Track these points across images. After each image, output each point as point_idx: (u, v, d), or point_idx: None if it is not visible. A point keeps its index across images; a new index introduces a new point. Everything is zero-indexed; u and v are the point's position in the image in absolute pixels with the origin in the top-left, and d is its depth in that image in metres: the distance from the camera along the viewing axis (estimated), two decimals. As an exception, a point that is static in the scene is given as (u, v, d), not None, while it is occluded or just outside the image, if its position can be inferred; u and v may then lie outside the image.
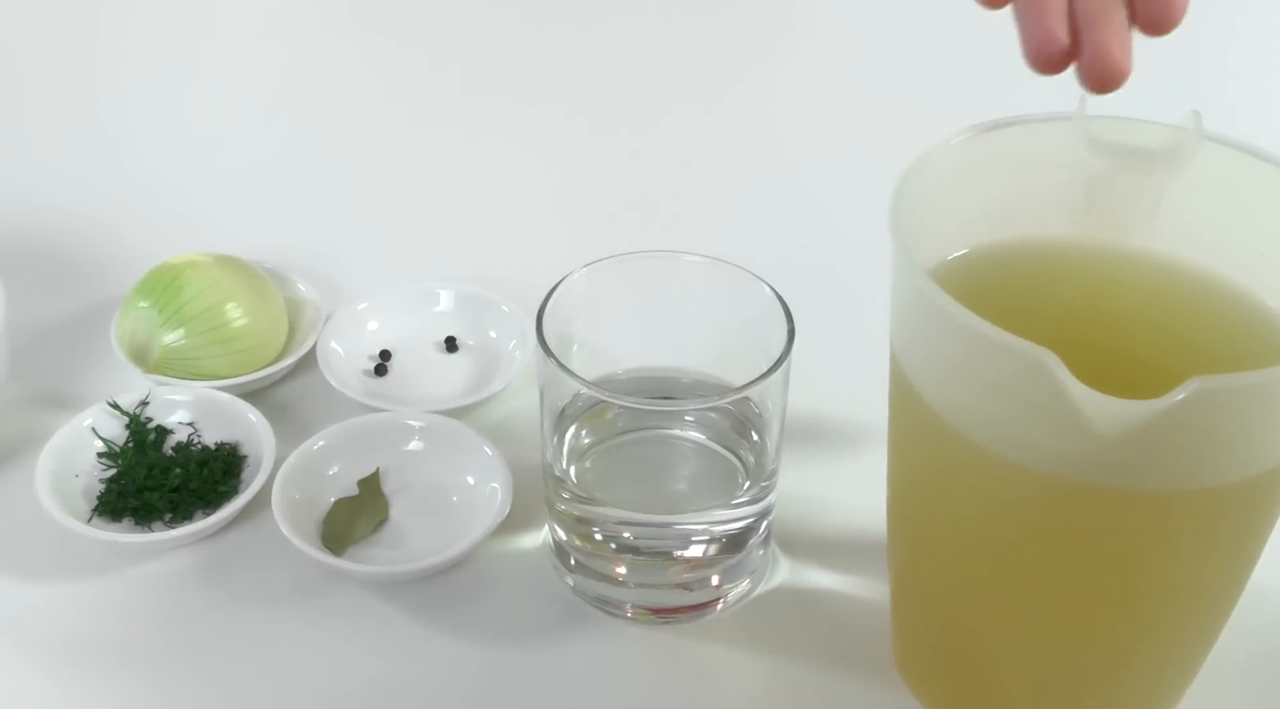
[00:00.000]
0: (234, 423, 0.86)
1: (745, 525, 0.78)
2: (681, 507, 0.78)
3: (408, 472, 0.85)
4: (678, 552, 0.77)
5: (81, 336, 0.95)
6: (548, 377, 0.75)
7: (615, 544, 0.78)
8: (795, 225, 1.07)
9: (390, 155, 1.12)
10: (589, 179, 1.10)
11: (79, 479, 0.84)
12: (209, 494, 0.83)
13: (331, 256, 1.01)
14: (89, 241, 1.03)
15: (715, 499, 0.78)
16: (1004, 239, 0.71)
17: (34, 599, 0.80)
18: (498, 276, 0.97)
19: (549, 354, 0.74)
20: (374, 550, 0.82)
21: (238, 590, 0.81)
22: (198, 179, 1.09)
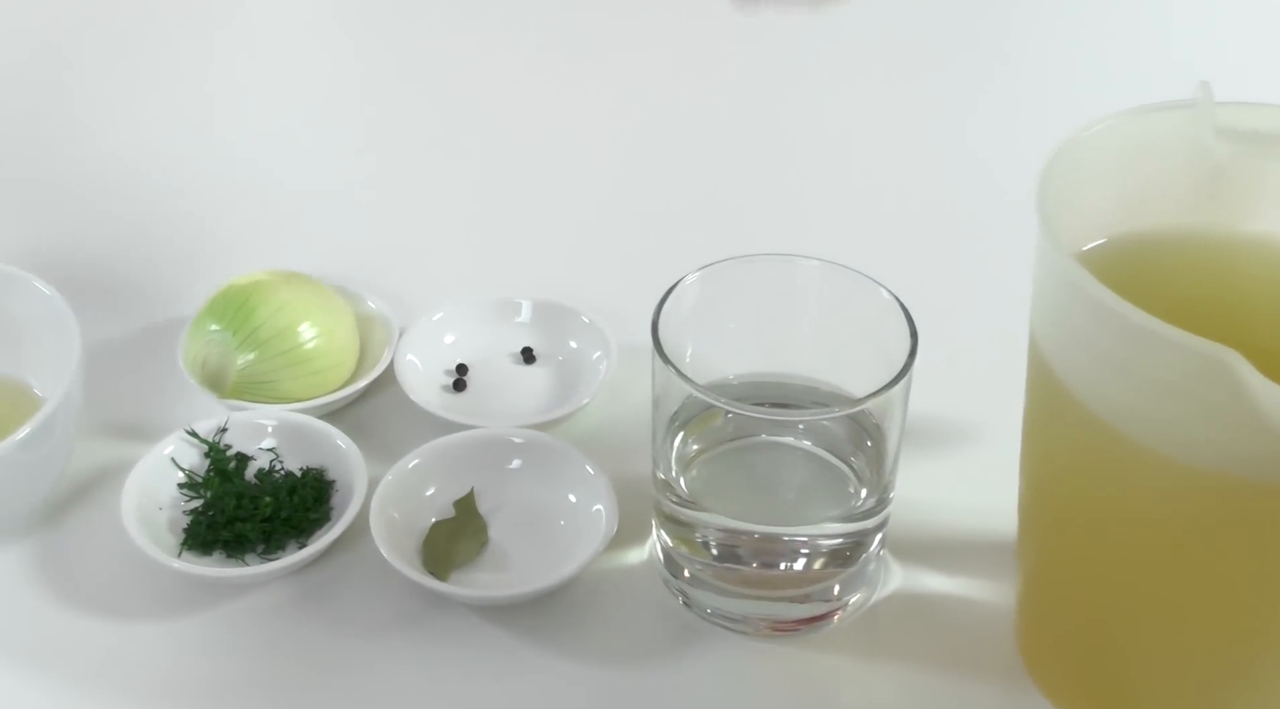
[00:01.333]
0: (317, 447, 0.84)
1: (864, 535, 0.76)
2: (799, 517, 0.76)
3: (503, 490, 0.82)
4: (795, 563, 0.75)
5: (144, 361, 0.91)
6: (662, 382, 0.73)
7: (731, 557, 0.76)
8: (904, 224, 1.04)
9: (452, 164, 1.09)
10: (672, 183, 1.07)
11: (163, 512, 0.81)
12: (301, 522, 0.80)
13: (396, 271, 0.98)
14: (144, 262, 1.00)
15: (831, 509, 0.76)
16: (1138, 229, 0.69)
17: (127, 638, 0.78)
18: (574, 286, 0.94)
19: (666, 360, 0.71)
20: (476, 573, 0.79)
21: (337, 621, 0.78)
22: (255, 196, 1.05)
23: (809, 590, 0.76)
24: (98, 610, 0.79)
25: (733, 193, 1.06)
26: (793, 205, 1.05)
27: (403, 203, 1.06)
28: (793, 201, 1.06)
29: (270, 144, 1.10)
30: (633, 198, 1.06)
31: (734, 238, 0.95)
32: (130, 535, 0.78)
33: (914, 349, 0.71)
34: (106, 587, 0.79)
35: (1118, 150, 0.67)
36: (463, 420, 0.85)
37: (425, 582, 0.76)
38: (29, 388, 0.85)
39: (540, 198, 1.06)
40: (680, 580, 0.78)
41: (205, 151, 1.09)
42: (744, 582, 0.76)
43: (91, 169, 1.07)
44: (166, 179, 1.07)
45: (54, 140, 1.10)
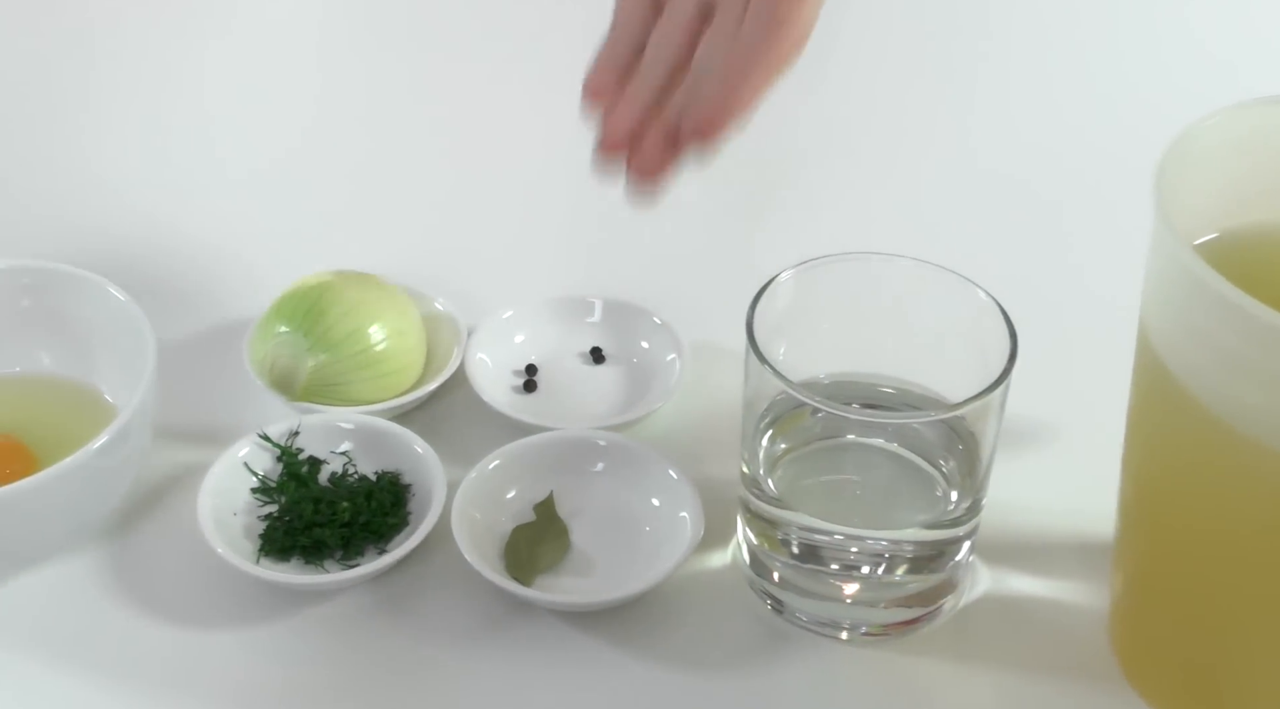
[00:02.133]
0: (391, 450, 0.82)
1: (953, 542, 0.74)
2: (886, 521, 0.74)
3: (583, 493, 0.81)
4: (880, 567, 0.74)
5: (208, 362, 0.90)
6: (755, 381, 0.72)
7: (816, 558, 0.74)
8: (997, 221, 1.02)
9: (517, 162, 1.07)
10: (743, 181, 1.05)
11: (237, 517, 0.80)
12: (380, 527, 0.79)
13: (458, 270, 0.96)
14: (203, 262, 0.98)
15: (919, 513, 0.75)
16: (1250, 223, 0.68)
17: (204, 645, 0.76)
18: (636, 285, 0.93)
19: (762, 359, 0.70)
20: (560, 578, 0.78)
21: (419, 628, 0.77)
22: (317, 196, 1.03)
23: (897, 595, 0.75)
24: (174, 618, 0.77)
25: (805, 189, 1.05)
26: (880, 202, 1.04)
27: (466, 201, 1.04)
28: (880, 198, 1.04)
29: (331, 143, 1.09)
30: (701, 197, 1.04)
31: (808, 237, 0.95)
32: (208, 541, 0.76)
33: (1014, 354, 0.70)
34: (182, 593, 0.78)
35: (1231, 143, 0.66)
36: (537, 422, 0.84)
37: (510, 587, 0.75)
38: (99, 392, 0.84)
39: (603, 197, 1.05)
40: (768, 583, 0.76)
41: (264, 151, 1.07)
42: (831, 585, 0.74)
43: (151, 169, 1.06)
44: (226, 178, 1.05)
45: (116, 141, 1.08)
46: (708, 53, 0.69)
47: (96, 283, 0.81)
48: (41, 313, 0.83)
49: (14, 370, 0.84)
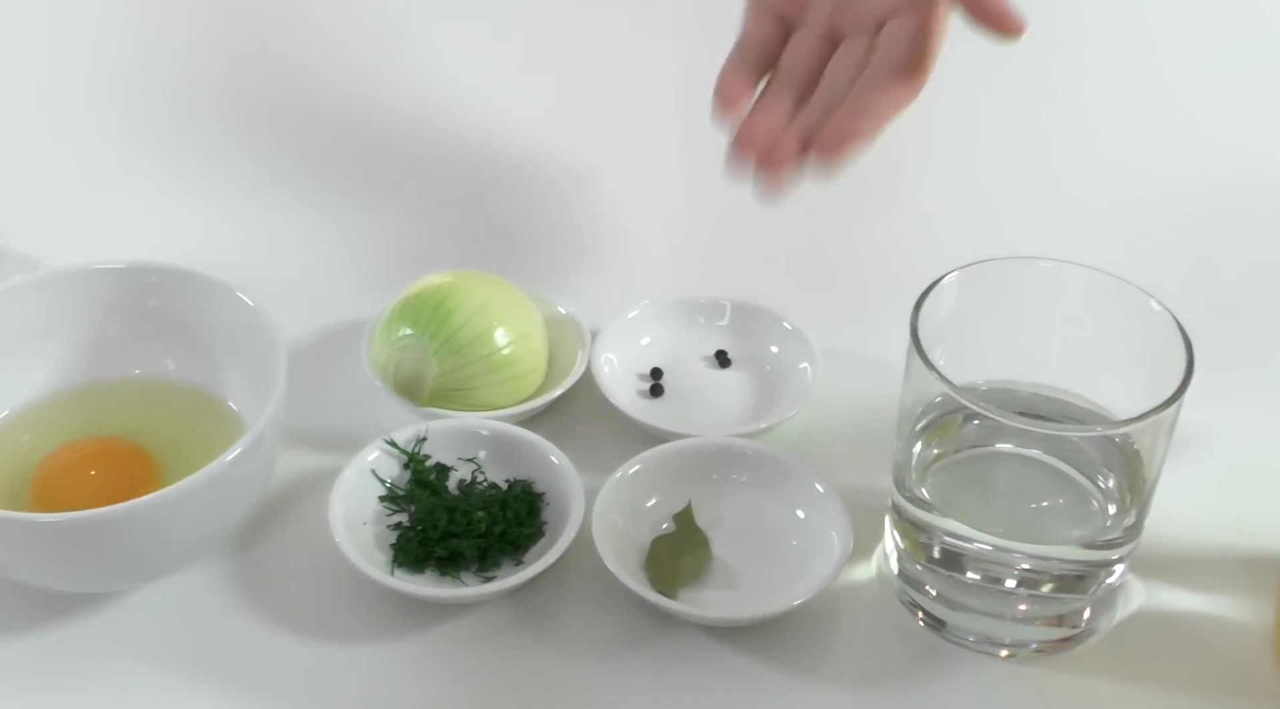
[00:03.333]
0: (521, 457, 0.80)
1: (1111, 561, 0.72)
2: (1043, 535, 0.72)
3: (722, 503, 0.79)
4: (1042, 582, 0.72)
5: (324, 365, 0.87)
6: (916, 384, 0.70)
7: (974, 572, 0.72)
8: (1169, 229, 0.98)
9: (636, 158, 1.04)
10: (878, 184, 1.02)
11: (367, 527, 0.77)
12: (516, 538, 0.76)
13: (576, 271, 0.93)
14: (314, 260, 0.95)
15: (1074, 529, 0.73)
16: None
17: (337, 659, 0.74)
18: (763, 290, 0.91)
19: (928, 363, 0.68)
20: (701, 591, 0.76)
21: (560, 643, 0.75)
22: (427, 194, 1.01)
23: (1052, 611, 0.73)
24: (304, 630, 0.75)
25: (940, 193, 1.02)
26: (1041, 207, 1.00)
27: (585, 199, 1.01)
28: (1041, 203, 1.01)
29: (438, 142, 1.06)
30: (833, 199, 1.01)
31: (940, 241, 0.92)
32: (342, 552, 0.74)
33: (1190, 369, 0.67)
34: (313, 605, 0.76)
35: None
36: (669, 428, 0.81)
37: (656, 601, 0.73)
38: (222, 399, 0.81)
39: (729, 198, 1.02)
40: (920, 596, 0.74)
41: (375, 149, 1.05)
42: (987, 600, 0.72)
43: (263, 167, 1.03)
44: (337, 177, 1.02)
45: (230, 138, 1.06)
46: (836, 76, 0.73)
47: (224, 287, 0.78)
48: (167, 315, 0.81)
49: (133, 372, 0.82)
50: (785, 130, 0.72)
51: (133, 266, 0.80)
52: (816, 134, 0.71)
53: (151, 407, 0.81)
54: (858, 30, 0.74)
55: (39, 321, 0.80)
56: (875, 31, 0.73)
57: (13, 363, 0.80)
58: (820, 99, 0.73)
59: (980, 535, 0.71)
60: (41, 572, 0.72)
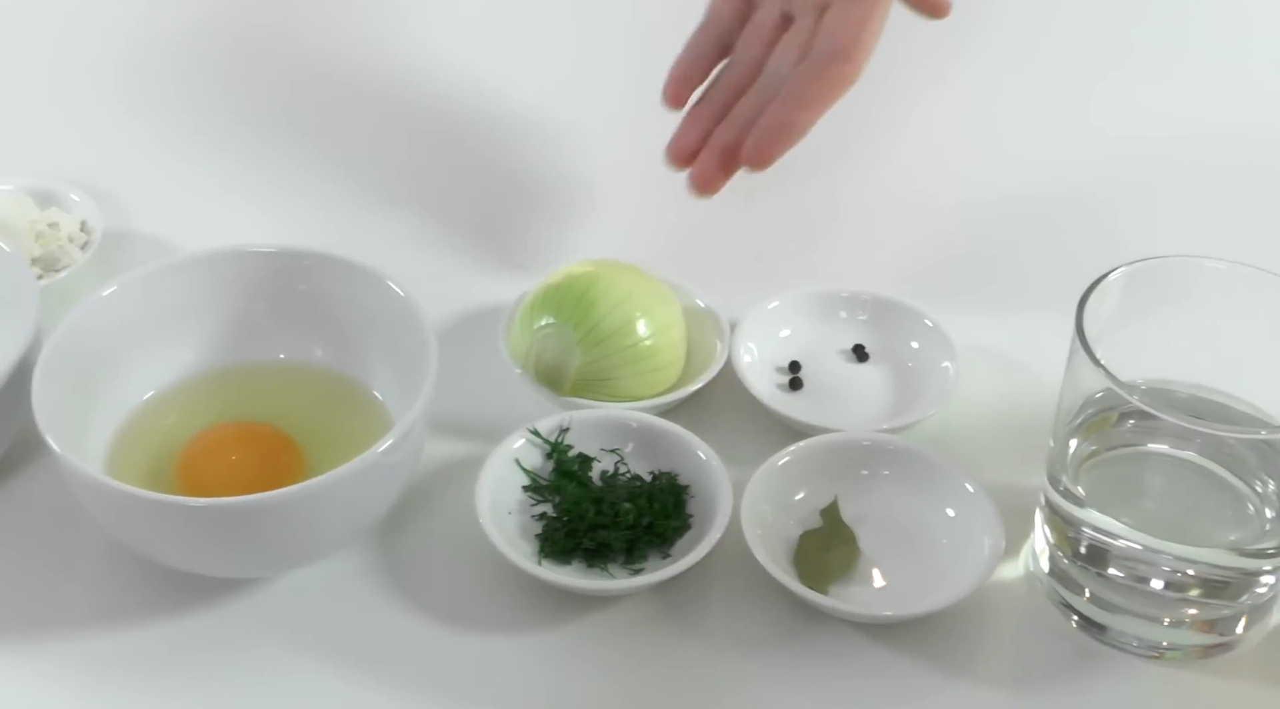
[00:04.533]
0: (665, 449, 0.80)
1: (1274, 566, 0.71)
2: (1207, 538, 0.71)
3: (867, 498, 0.78)
4: (1195, 587, 0.71)
5: (462, 351, 0.87)
6: (1077, 381, 0.69)
7: (1128, 572, 0.71)
8: None
9: None
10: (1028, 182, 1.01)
11: (512, 517, 0.77)
12: (663, 530, 0.76)
13: (710, 261, 0.93)
14: (447, 246, 0.95)
15: (1229, 533, 0.72)
16: None
17: (484, 649, 0.74)
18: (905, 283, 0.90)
19: (1095, 361, 0.67)
20: (849, 587, 0.75)
21: (708, 636, 0.74)
22: (558, 181, 1.01)
23: (1203, 616, 0.72)
24: (448, 618, 0.75)
25: (1107, 190, 1.00)
26: (1200, 205, 0.99)
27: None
28: (1200, 201, 0.99)
29: (573, 128, 1.05)
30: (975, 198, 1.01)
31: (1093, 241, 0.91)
32: (492, 542, 0.74)
33: None
34: (458, 594, 0.76)
35: None
36: (812, 422, 0.81)
37: (808, 596, 0.72)
38: (365, 387, 0.81)
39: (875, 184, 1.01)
40: (1071, 595, 0.73)
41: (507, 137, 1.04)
42: (1144, 602, 0.71)
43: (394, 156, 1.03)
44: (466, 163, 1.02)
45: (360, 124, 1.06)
46: (778, 62, 0.77)
47: (376, 276, 0.78)
48: (316, 301, 0.80)
49: (278, 357, 0.82)
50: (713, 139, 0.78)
51: (284, 251, 0.80)
52: (747, 138, 0.75)
53: (296, 392, 0.81)
54: (805, 11, 0.77)
55: (189, 303, 0.80)
56: (820, 15, 0.76)
57: (163, 343, 0.80)
58: (756, 92, 0.77)
59: (1132, 533, 0.70)
60: (190, 556, 0.72)
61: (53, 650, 0.73)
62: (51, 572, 0.76)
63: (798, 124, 0.75)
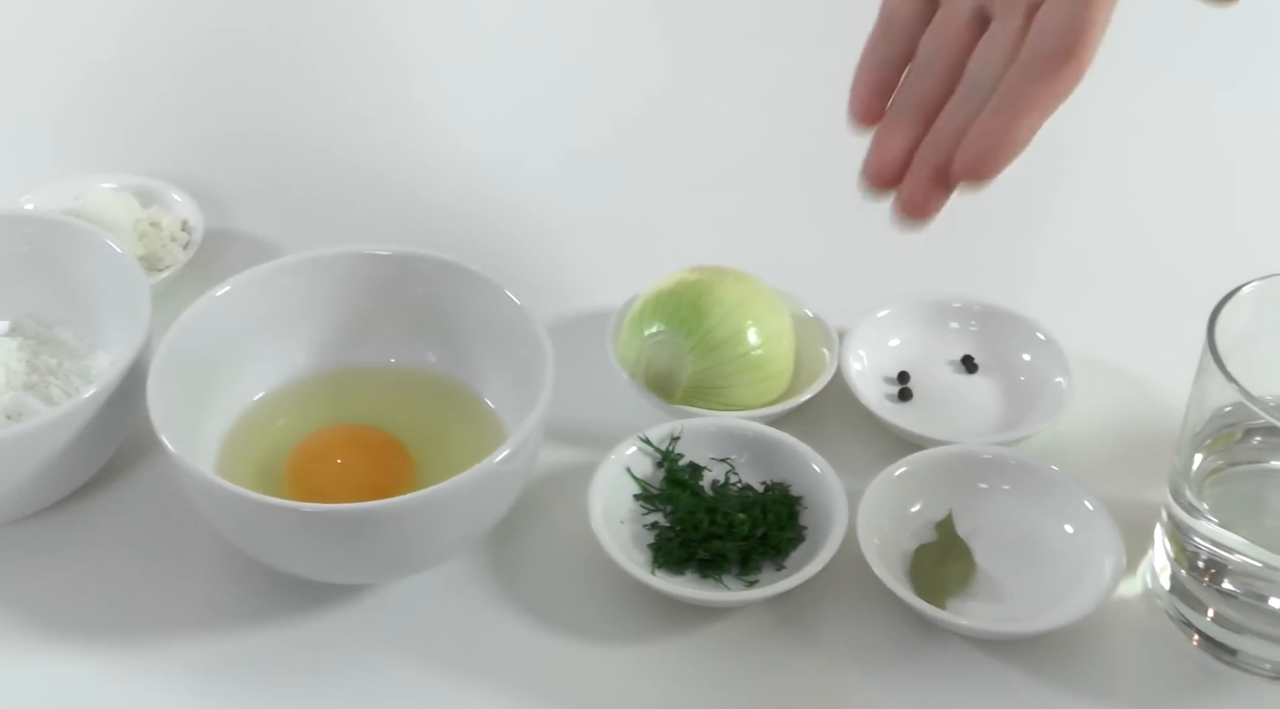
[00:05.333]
0: (776, 459, 0.79)
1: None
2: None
3: (983, 512, 0.77)
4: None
5: (569, 356, 0.85)
6: (1205, 394, 0.68)
7: (1255, 592, 0.70)
8: None
9: None
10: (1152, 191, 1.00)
11: (624, 526, 0.76)
12: (778, 541, 0.75)
13: (815, 268, 0.92)
14: (549, 251, 0.94)
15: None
16: None
17: (596, 659, 0.73)
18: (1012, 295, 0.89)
19: (1227, 375, 0.66)
20: (966, 602, 0.74)
21: (823, 649, 0.74)
22: (664, 187, 1.00)
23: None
24: (561, 627, 0.74)
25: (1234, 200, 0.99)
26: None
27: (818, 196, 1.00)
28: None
29: (676, 132, 1.05)
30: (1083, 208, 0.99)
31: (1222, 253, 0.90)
32: (606, 551, 0.74)
33: None
34: (570, 603, 0.75)
35: None
36: (923, 433, 0.80)
37: (925, 610, 0.71)
38: (478, 395, 0.81)
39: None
40: (1193, 612, 0.72)
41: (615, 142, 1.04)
42: (1260, 619, 0.70)
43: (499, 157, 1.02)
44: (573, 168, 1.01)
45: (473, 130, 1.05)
46: (983, 65, 0.66)
47: (493, 284, 0.77)
48: (432, 306, 0.80)
49: (389, 361, 0.81)
50: (921, 156, 0.67)
51: (399, 254, 0.79)
52: (958, 150, 0.65)
53: (407, 397, 0.80)
54: (1010, 9, 0.66)
55: (303, 304, 0.80)
56: (1030, 12, 0.66)
57: (275, 344, 0.80)
58: (962, 99, 0.67)
59: (1253, 550, 0.69)
60: (302, 561, 0.72)
61: (163, 653, 0.73)
62: (162, 573, 0.76)
63: (1019, 133, 0.64)
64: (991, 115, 0.65)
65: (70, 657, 0.72)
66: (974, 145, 0.65)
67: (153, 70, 1.10)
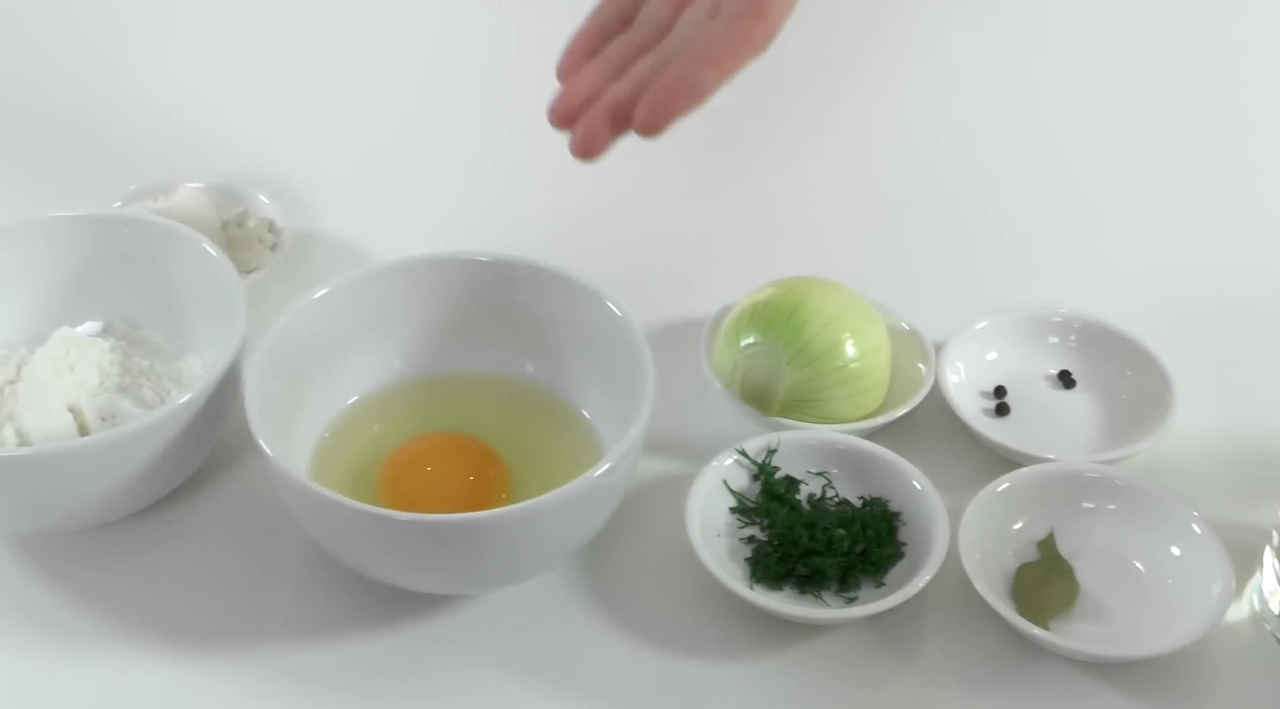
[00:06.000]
0: (873, 474, 0.78)
1: None
2: None
3: (1086, 532, 0.76)
4: None
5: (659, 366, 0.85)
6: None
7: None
8: None
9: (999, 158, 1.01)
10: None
11: (720, 539, 0.75)
12: (877, 558, 0.74)
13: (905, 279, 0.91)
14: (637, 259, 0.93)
15: None
16: None
17: (694, 674, 0.72)
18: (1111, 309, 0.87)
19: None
20: (1069, 624, 0.73)
21: (924, 669, 0.73)
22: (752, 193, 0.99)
23: None
24: (659, 641, 0.74)
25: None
26: None
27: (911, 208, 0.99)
28: None
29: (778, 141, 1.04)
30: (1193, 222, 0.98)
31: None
32: (706, 566, 0.73)
33: None
34: (667, 616, 0.74)
35: None
36: (1023, 449, 0.79)
37: (1030, 631, 0.70)
38: (574, 405, 0.80)
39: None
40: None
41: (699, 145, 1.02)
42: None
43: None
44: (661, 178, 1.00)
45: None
46: (686, 22, 0.70)
47: (596, 295, 0.77)
48: (531, 315, 0.79)
49: (486, 368, 0.81)
50: (604, 96, 0.68)
51: (498, 260, 0.79)
52: (642, 99, 0.66)
53: (503, 406, 0.80)
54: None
55: (400, 308, 0.79)
56: None
57: (371, 348, 0.80)
58: (658, 53, 0.69)
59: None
60: (397, 570, 0.71)
61: (255, 660, 0.73)
62: (253, 578, 0.76)
63: (701, 84, 0.66)
64: (680, 64, 0.67)
65: (163, 661, 0.72)
66: (657, 90, 0.66)
67: (237, 70, 1.09)
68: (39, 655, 0.72)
